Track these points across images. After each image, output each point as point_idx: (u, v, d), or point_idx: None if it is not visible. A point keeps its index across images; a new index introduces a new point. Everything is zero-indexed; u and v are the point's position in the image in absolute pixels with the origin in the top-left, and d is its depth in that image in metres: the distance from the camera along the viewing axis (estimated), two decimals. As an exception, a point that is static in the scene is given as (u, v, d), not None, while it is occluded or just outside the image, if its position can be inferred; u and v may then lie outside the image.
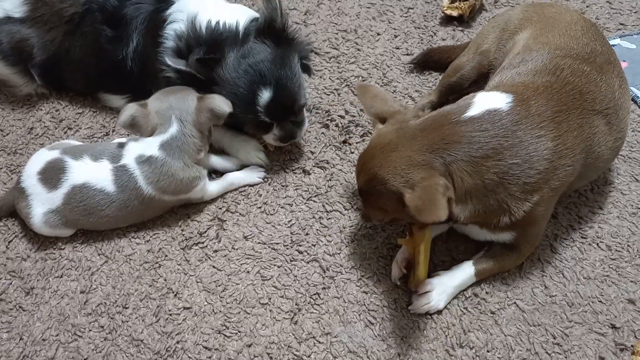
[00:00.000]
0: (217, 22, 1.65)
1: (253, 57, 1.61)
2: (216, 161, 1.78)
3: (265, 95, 1.61)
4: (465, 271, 1.54)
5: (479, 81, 1.79)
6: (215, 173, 1.80)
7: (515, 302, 1.54)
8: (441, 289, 1.52)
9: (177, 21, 1.70)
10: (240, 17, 1.69)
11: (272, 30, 1.63)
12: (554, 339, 1.49)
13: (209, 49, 1.60)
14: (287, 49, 1.66)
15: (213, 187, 1.74)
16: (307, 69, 1.80)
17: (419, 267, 1.51)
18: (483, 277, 1.57)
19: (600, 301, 1.54)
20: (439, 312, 1.52)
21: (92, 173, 1.60)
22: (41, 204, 1.60)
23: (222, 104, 1.61)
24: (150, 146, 1.61)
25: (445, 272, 1.55)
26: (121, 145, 1.65)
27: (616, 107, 1.51)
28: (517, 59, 1.57)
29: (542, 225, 1.51)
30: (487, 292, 1.56)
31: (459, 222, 1.42)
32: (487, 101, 1.40)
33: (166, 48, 1.68)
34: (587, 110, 1.44)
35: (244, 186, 1.79)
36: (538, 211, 1.42)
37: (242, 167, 1.82)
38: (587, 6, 2.29)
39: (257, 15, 1.71)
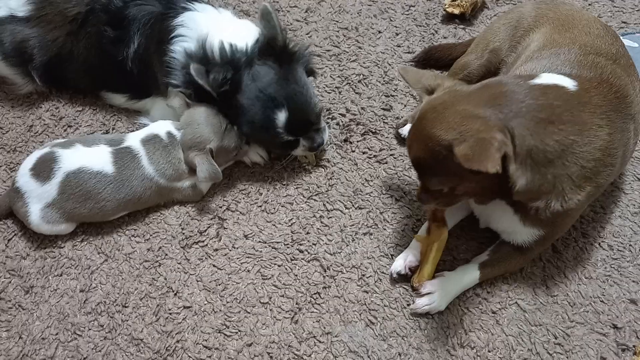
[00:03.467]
0: (230, 45, 1.64)
1: (260, 80, 1.62)
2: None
3: (281, 117, 1.62)
4: (470, 274, 1.53)
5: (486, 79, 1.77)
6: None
7: (516, 302, 1.54)
8: (444, 291, 1.51)
9: (185, 36, 1.68)
10: (248, 37, 1.67)
11: (273, 48, 1.63)
12: (556, 339, 1.48)
13: (232, 77, 1.59)
14: (290, 64, 1.66)
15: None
16: (311, 72, 1.80)
17: (425, 265, 1.50)
18: (486, 279, 1.56)
19: (602, 301, 1.54)
20: (440, 312, 1.52)
21: (87, 157, 1.62)
22: (37, 200, 1.60)
23: (203, 173, 1.62)
24: (160, 127, 1.69)
25: (449, 273, 1.54)
26: (120, 135, 1.71)
27: (639, 111, 1.49)
28: (545, 52, 1.53)
29: (567, 227, 1.49)
30: (488, 292, 1.56)
31: (513, 190, 1.30)
32: (554, 78, 1.35)
33: (174, 59, 1.67)
34: (627, 114, 1.40)
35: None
36: (577, 208, 1.38)
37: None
38: (589, 4, 2.28)
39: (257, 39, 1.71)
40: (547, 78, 1.36)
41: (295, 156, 1.80)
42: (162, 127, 1.70)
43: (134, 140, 1.67)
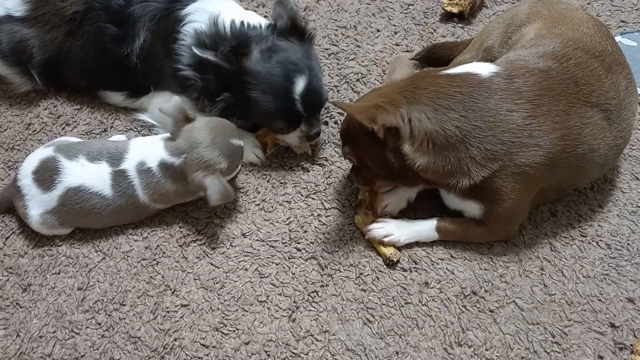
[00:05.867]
0: (242, 22, 1.68)
1: (282, 52, 1.65)
2: None
3: (301, 83, 1.64)
4: (427, 221, 1.62)
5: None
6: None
7: (514, 301, 1.54)
8: (398, 224, 1.61)
9: (196, 21, 1.71)
10: (260, 20, 1.75)
11: (294, 29, 1.68)
12: (553, 337, 1.48)
13: (237, 44, 1.63)
14: (309, 45, 1.72)
15: None
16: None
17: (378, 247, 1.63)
18: (446, 238, 1.62)
19: (600, 300, 1.54)
20: (438, 309, 1.52)
21: (89, 175, 1.58)
22: (37, 206, 1.59)
23: (215, 196, 1.53)
24: (152, 155, 1.59)
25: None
26: (123, 146, 1.63)
27: (620, 106, 1.51)
28: (529, 43, 1.59)
29: (510, 206, 1.49)
30: (485, 290, 1.56)
31: (416, 169, 1.45)
32: (471, 67, 1.50)
33: (182, 45, 1.69)
34: (580, 100, 1.45)
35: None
36: (502, 185, 1.45)
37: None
38: (588, 3, 2.28)
39: (271, 22, 1.75)
40: (463, 67, 1.50)
41: (289, 148, 1.81)
42: (154, 155, 1.59)
43: (130, 163, 1.59)
